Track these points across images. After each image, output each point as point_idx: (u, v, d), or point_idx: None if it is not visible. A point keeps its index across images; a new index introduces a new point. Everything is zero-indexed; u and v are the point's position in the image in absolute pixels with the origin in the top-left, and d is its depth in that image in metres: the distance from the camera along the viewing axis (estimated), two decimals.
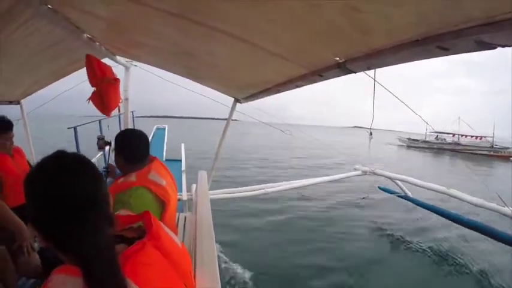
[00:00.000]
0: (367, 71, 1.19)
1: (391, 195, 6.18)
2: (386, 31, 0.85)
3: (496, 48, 0.67)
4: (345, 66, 1.13)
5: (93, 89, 2.68)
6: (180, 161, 5.81)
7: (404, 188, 5.70)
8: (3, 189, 1.99)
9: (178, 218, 2.73)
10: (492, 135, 33.55)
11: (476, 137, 33.91)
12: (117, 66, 3.23)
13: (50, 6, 1.59)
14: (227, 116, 3.53)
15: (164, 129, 8.14)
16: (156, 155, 1.57)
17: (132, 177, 1.33)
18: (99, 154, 4.91)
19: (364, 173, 5.32)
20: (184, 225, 2.62)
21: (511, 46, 0.65)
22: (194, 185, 3.39)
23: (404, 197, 5.74)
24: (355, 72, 1.18)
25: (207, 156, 9.74)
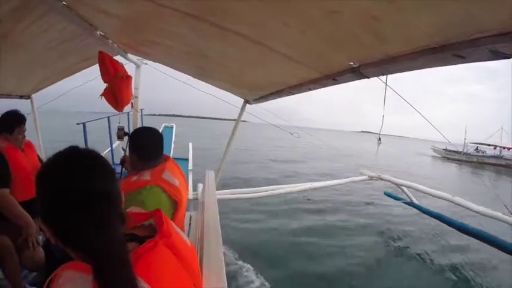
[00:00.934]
0: (381, 76, 1.18)
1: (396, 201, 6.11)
2: (403, 39, 0.85)
3: (510, 58, 0.67)
4: (359, 71, 1.12)
5: (102, 86, 2.71)
6: (187, 160, 5.81)
7: (409, 194, 5.63)
8: (12, 184, 1.97)
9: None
10: None
11: None
12: (127, 64, 3.25)
13: (64, 3, 1.60)
14: (235, 116, 3.53)
15: (172, 127, 8.14)
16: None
17: (147, 176, 1.33)
18: (107, 150, 5.09)
19: (371, 178, 5.28)
20: (189, 224, 2.63)
21: None
22: (200, 185, 3.39)
23: (410, 204, 5.66)
24: (369, 78, 1.17)
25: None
